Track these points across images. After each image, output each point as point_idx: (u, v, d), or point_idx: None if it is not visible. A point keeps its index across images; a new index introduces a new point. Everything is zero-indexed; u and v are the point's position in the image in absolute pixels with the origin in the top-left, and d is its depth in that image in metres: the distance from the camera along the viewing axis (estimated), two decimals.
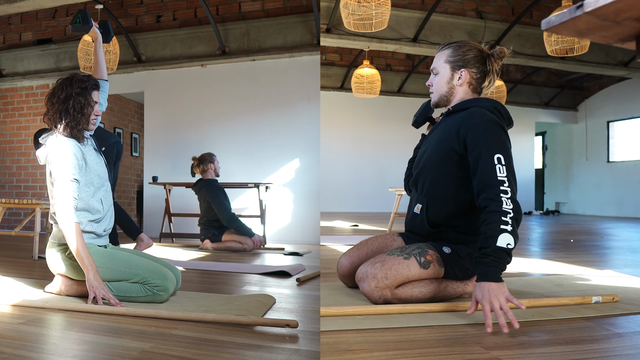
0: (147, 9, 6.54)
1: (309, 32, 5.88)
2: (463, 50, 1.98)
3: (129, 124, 8.47)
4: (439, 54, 2.03)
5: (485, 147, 1.76)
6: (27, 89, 7.22)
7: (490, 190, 1.68)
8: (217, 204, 4.63)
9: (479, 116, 1.84)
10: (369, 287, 1.83)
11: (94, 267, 1.97)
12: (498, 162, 1.72)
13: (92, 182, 2.14)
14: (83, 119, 2.14)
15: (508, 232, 1.61)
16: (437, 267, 1.88)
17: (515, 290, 2.17)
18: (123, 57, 6.24)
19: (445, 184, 1.95)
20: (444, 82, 2.01)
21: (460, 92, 2.01)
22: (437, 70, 2.03)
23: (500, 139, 1.78)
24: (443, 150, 1.94)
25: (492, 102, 1.94)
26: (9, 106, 7.33)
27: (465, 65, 1.97)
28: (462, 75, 1.98)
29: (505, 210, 1.64)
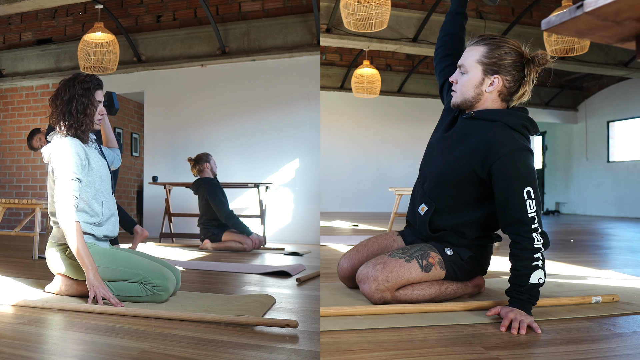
0: (147, 9, 6.54)
1: (309, 32, 5.88)
2: (501, 53, 1.75)
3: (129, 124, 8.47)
4: (472, 48, 1.80)
5: (515, 180, 1.68)
6: (27, 89, 7.22)
7: (522, 227, 1.67)
8: (215, 201, 4.65)
9: (507, 144, 1.71)
10: (370, 288, 1.82)
11: (94, 267, 1.97)
12: (528, 197, 1.67)
13: (93, 183, 2.14)
14: (87, 120, 2.14)
15: (540, 268, 1.65)
16: (439, 269, 1.87)
17: None
18: (123, 57, 6.23)
19: (457, 200, 1.88)
20: (471, 86, 1.80)
21: (487, 100, 1.82)
22: (466, 69, 1.80)
23: (529, 168, 1.70)
24: (464, 173, 1.81)
25: (520, 118, 1.79)
26: (9, 106, 7.33)
27: (500, 70, 1.76)
28: (494, 82, 1.78)
29: (537, 247, 1.65)
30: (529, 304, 1.63)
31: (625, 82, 10.43)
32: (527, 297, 1.63)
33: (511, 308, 1.62)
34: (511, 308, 1.62)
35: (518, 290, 1.64)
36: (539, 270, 1.64)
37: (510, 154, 1.71)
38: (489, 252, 1.99)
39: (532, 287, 1.64)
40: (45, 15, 6.93)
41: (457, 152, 1.85)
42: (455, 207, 1.89)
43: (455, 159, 1.85)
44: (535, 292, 1.65)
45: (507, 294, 1.68)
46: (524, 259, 1.65)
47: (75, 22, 6.83)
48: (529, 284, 1.63)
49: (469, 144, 1.82)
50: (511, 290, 1.67)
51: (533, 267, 1.64)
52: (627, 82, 10.39)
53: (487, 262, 2.00)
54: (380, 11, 4.42)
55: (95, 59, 5.16)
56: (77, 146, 2.10)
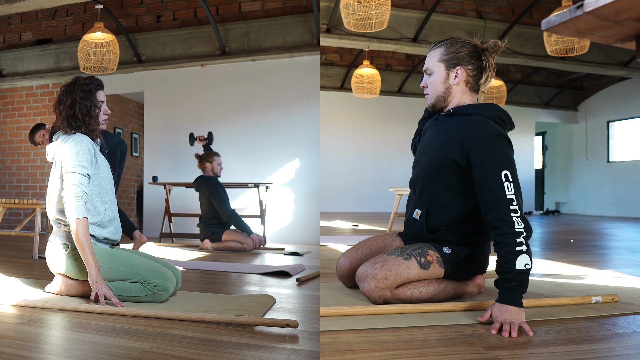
0: (147, 9, 6.54)
1: (309, 32, 5.88)
2: (456, 47, 1.90)
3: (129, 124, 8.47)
4: (431, 52, 1.95)
5: (492, 163, 1.72)
6: (27, 89, 7.22)
7: (500, 210, 1.67)
8: (217, 199, 4.65)
9: (483, 129, 1.79)
10: (369, 287, 1.83)
11: (97, 265, 1.97)
12: (505, 179, 1.69)
13: (100, 181, 2.15)
14: (92, 121, 2.17)
15: (524, 253, 1.62)
16: (438, 267, 1.88)
17: None
18: (123, 57, 6.24)
19: (444, 193, 1.91)
20: (439, 82, 1.93)
21: (457, 92, 1.93)
22: (431, 70, 1.94)
23: (505, 153, 1.75)
24: (444, 160, 1.87)
25: (494, 110, 1.87)
26: (9, 106, 7.33)
27: (460, 62, 1.89)
28: (458, 73, 1.89)
29: (518, 230, 1.64)
30: (517, 292, 1.61)
31: (625, 82, 10.43)
32: (515, 284, 1.61)
33: (500, 310, 1.58)
34: (500, 310, 1.58)
35: (505, 279, 1.62)
36: (523, 255, 1.62)
37: (486, 137, 1.76)
38: (487, 250, 2.00)
39: (519, 273, 1.61)
40: (45, 15, 6.93)
41: (436, 145, 1.93)
42: (445, 203, 1.92)
43: (435, 151, 1.93)
44: (524, 279, 1.62)
45: (496, 285, 1.67)
46: (506, 244, 1.63)
47: (75, 22, 6.83)
48: (515, 269, 1.61)
49: (447, 135, 1.90)
50: (499, 280, 1.65)
51: (517, 252, 1.62)
52: (627, 82, 10.40)
53: (486, 261, 2.01)
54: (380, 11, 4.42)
55: (95, 59, 5.16)
56: (87, 142, 2.13)
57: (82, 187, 2.05)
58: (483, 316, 1.63)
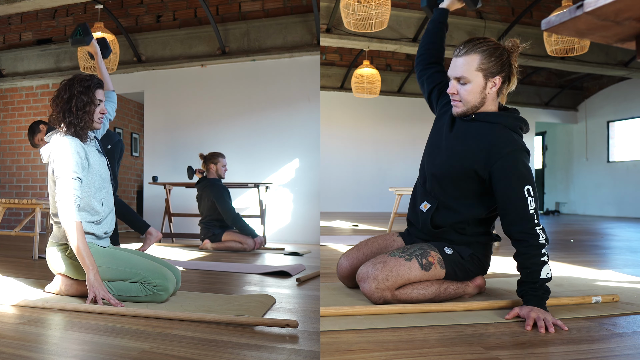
0: (147, 9, 6.54)
1: (309, 32, 5.88)
2: (496, 55, 1.81)
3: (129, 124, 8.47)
4: (467, 59, 1.81)
5: (516, 179, 1.76)
6: (27, 89, 7.22)
7: (525, 225, 1.73)
8: (221, 203, 4.64)
9: (507, 144, 1.79)
10: (370, 288, 1.83)
11: (95, 267, 1.97)
12: (528, 194, 1.75)
13: (93, 182, 2.14)
14: (86, 117, 2.14)
15: (547, 263, 1.71)
16: (439, 268, 1.88)
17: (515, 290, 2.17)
18: (123, 57, 6.24)
19: (458, 197, 1.93)
20: (476, 92, 1.84)
21: (489, 100, 1.87)
22: (468, 79, 1.82)
23: (528, 168, 1.80)
24: (465, 170, 1.87)
25: (516, 120, 1.87)
26: (9, 106, 7.33)
27: (500, 71, 1.82)
28: (495, 82, 1.83)
29: (542, 243, 1.72)
30: (544, 299, 1.68)
31: (625, 82, 10.43)
32: (542, 292, 1.68)
33: (531, 307, 1.65)
34: (531, 307, 1.65)
35: (532, 288, 1.69)
36: (546, 266, 1.71)
37: (512, 154, 1.79)
38: (488, 251, 2.00)
39: (544, 282, 1.69)
40: (45, 15, 6.93)
41: (459, 151, 1.91)
42: (456, 203, 1.94)
43: (456, 157, 1.91)
44: (547, 287, 1.70)
45: (521, 294, 1.72)
46: (532, 255, 1.70)
47: (75, 22, 6.83)
48: (541, 279, 1.69)
49: (471, 144, 1.88)
50: (526, 289, 1.70)
51: (542, 263, 1.70)
52: (627, 82, 10.39)
53: (487, 262, 2.01)
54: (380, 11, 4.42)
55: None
56: (76, 145, 2.10)
57: (73, 192, 2.03)
58: (510, 314, 1.69)
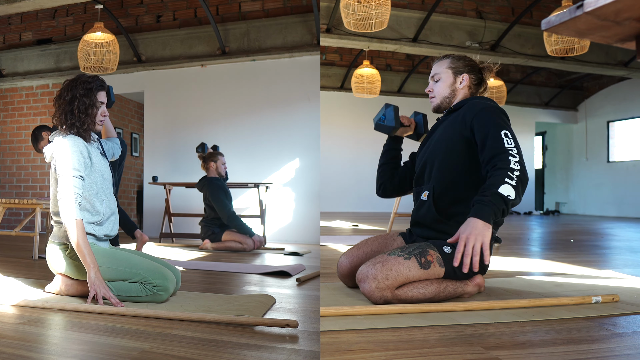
0: (147, 9, 6.54)
1: (309, 32, 5.88)
2: (462, 60, 2.17)
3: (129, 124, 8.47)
4: (439, 63, 2.20)
5: (492, 125, 1.88)
6: (27, 89, 7.22)
7: (500, 156, 1.78)
8: (217, 202, 4.64)
9: (482, 103, 2.00)
10: (370, 287, 1.83)
11: (96, 265, 1.97)
12: (505, 137, 1.83)
13: (95, 181, 2.15)
14: (88, 120, 2.16)
15: (511, 186, 1.68)
16: (438, 267, 1.88)
17: (515, 290, 2.17)
18: (123, 57, 6.24)
19: (452, 169, 2.02)
20: (446, 85, 2.16)
21: (460, 95, 2.16)
22: (439, 76, 2.17)
23: (504, 120, 1.93)
24: (451, 138, 2.03)
25: (487, 100, 2.07)
26: (9, 106, 7.33)
27: (466, 71, 2.15)
28: (464, 79, 2.14)
29: (512, 168, 1.72)
30: (488, 207, 1.66)
31: (625, 82, 10.43)
32: (489, 200, 1.66)
33: (466, 226, 1.64)
34: (466, 226, 1.64)
35: (482, 194, 1.69)
36: (509, 186, 1.68)
37: (487, 108, 1.96)
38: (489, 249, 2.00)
39: (497, 194, 1.66)
40: (45, 15, 6.93)
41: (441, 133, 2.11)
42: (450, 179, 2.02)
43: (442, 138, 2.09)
44: (499, 202, 1.66)
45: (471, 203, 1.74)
46: (497, 175, 1.72)
47: (75, 22, 6.83)
48: (495, 191, 1.67)
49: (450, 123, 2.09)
50: (476, 199, 1.70)
51: (504, 182, 1.69)
52: (627, 82, 10.39)
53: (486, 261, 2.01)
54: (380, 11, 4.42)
55: (95, 59, 5.16)
56: (79, 144, 2.11)
57: (75, 190, 2.04)
58: (453, 237, 1.70)
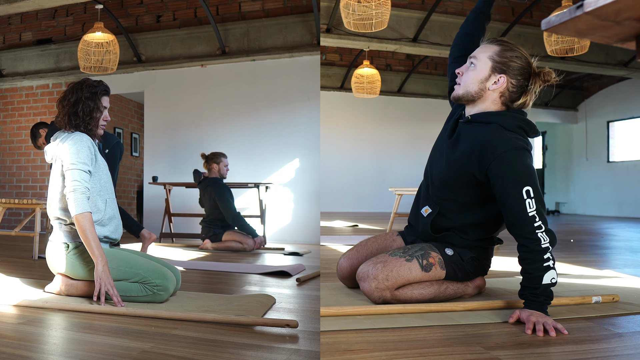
0: (147, 9, 6.54)
1: (309, 32, 5.88)
2: (512, 55, 1.79)
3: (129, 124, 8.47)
4: (486, 46, 1.83)
5: (512, 180, 1.68)
6: (27, 89, 7.22)
7: (524, 228, 1.66)
8: (223, 202, 4.64)
9: (502, 144, 1.72)
10: (370, 287, 1.83)
11: (104, 258, 1.97)
12: (527, 196, 1.66)
13: (100, 178, 2.16)
14: (92, 122, 2.19)
15: (552, 268, 1.64)
16: (439, 269, 1.87)
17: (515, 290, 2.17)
18: (123, 57, 6.23)
19: (459, 202, 1.90)
20: (477, 80, 1.82)
21: (488, 99, 1.84)
22: (477, 63, 1.82)
23: (526, 167, 1.70)
24: (461, 173, 1.84)
25: (515, 120, 1.80)
26: (9, 106, 7.33)
27: (508, 71, 1.79)
28: (499, 80, 1.80)
29: (544, 247, 1.64)
30: (545, 305, 1.62)
31: (625, 82, 10.43)
32: (543, 298, 1.62)
33: (531, 311, 1.60)
34: (531, 311, 1.60)
35: (533, 293, 1.63)
36: (551, 271, 1.63)
37: (506, 153, 1.71)
38: (490, 253, 1.99)
39: (546, 287, 1.63)
40: (45, 15, 6.93)
41: (456, 156, 1.88)
42: (458, 209, 1.90)
43: (453, 162, 1.88)
44: (550, 292, 1.64)
45: (522, 297, 1.67)
46: (533, 261, 1.63)
47: (75, 22, 6.83)
48: (542, 285, 1.62)
49: (465, 147, 1.84)
50: (526, 294, 1.65)
51: (544, 268, 1.62)
52: (627, 82, 10.39)
53: (488, 263, 2.01)
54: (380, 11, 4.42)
55: (95, 59, 5.16)
56: (87, 140, 2.14)
57: (84, 183, 2.05)
58: (512, 316, 1.64)
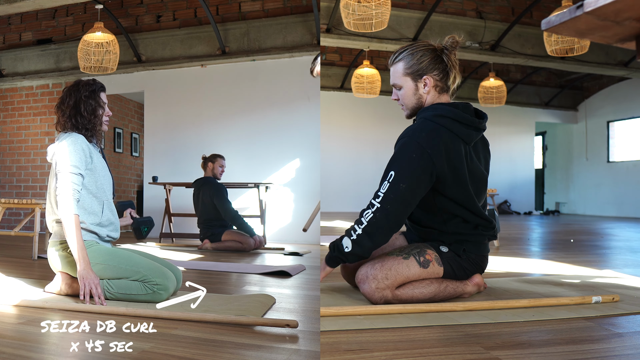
0: (147, 9, 6.54)
1: (309, 32, 5.88)
2: (417, 58, 1.90)
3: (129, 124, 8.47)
4: (394, 69, 1.95)
5: (391, 161, 1.83)
6: (27, 89, 7.22)
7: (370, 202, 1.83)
8: (220, 200, 4.64)
9: (407, 133, 1.86)
10: (370, 288, 1.83)
11: (86, 260, 1.98)
12: (388, 179, 1.80)
13: (95, 180, 2.16)
14: (96, 120, 2.19)
15: (350, 239, 1.81)
16: (437, 266, 1.89)
17: (515, 290, 2.17)
18: (123, 57, 6.23)
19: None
20: (410, 95, 1.94)
21: (429, 98, 1.94)
22: (400, 85, 1.95)
23: (406, 156, 1.79)
24: None
25: (437, 109, 1.87)
26: (9, 106, 7.33)
27: (425, 71, 1.90)
28: (426, 82, 1.91)
29: (362, 220, 1.80)
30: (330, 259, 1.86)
31: (625, 82, 10.43)
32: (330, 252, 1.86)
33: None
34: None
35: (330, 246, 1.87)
36: (347, 239, 1.82)
37: (401, 139, 1.87)
38: (483, 249, 2.00)
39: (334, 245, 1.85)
40: (45, 15, 6.93)
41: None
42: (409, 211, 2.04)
43: None
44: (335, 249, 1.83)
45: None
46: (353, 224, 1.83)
47: (75, 22, 6.83)
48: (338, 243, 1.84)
49: None
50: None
51: (347, 233, 1.82)
52: (627, 82, 10.39)
53: (483, 260, 2.01)
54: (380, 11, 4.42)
55: (95, 59, 5.16)
56: (82, 142, 2.13)
57: (73, 186, 2.05)
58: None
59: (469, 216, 1.92)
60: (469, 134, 1.88)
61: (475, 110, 1.97)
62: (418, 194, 1.81)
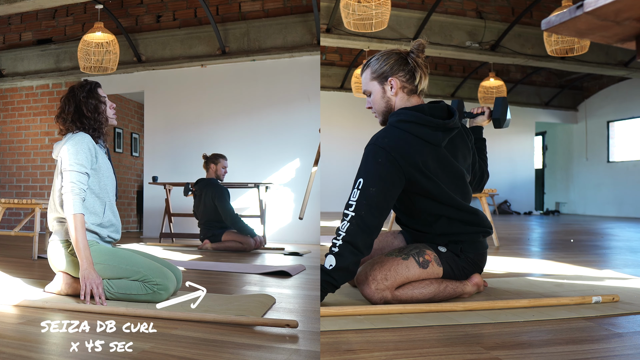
0: (147, 9, 6.54)
1: (309, 32, 5.88)
2: (381, 62, 1.95)
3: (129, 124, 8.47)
4: (363, 76, 2.01)
5: (358, 170, 1.84)
6: (27, 89, 7.22)
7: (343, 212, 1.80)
8: (224, 203, 4.63)
9: (372, 140, 1.88)
10: (369, 289, 1.83)
11: (89, 259, 1.98)
12: (357, 186, 1.79)
13: (99, 180, 2.16)
14: (101, 117, 2.20)
15: (332, 254, 1.74)
16: (436, 266, 1.89)
17: (515, 290, 2.17)
18: (123, 57, 6.23)
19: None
20: (379, 98, 1.97)
21: (397, 101, 1.96)
22: (369, 91, 2.00)
23: (371, 162, 1.81)
24: None
25: (400, 115, 1.89)
26: (9, 106, 7.33)
27: (390, 73, 1.93)
28: (392, 84, 1.93)
29: (339, 232, 1.76)
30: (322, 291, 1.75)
31: (625, 82, 10.43)
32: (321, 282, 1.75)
33: None
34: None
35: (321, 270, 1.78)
36: (330, 256, 1.75)
37: (367, 146, 1.88)
38: (480, 248, 2.00)
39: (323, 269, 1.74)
40: (45, 15, 6.93)
41: None
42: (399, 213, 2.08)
43: None
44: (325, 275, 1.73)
45: None
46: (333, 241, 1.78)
47: (75, 22, 6.83)
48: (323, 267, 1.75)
49: None
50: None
51: (329, 251, 1.76)
52: (627, 82, 10.39)
53: (481, 259, 2.02)
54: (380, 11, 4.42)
55: (95, 59, 5.16)
56: (89, 141, 2.14)
57: (79, 185, 2.05)
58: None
59: (453, 213, 1.91)
60: (435, 136, 1.86)
61: (447, 108, 1.96)
62: (390, 196, 1.81)
